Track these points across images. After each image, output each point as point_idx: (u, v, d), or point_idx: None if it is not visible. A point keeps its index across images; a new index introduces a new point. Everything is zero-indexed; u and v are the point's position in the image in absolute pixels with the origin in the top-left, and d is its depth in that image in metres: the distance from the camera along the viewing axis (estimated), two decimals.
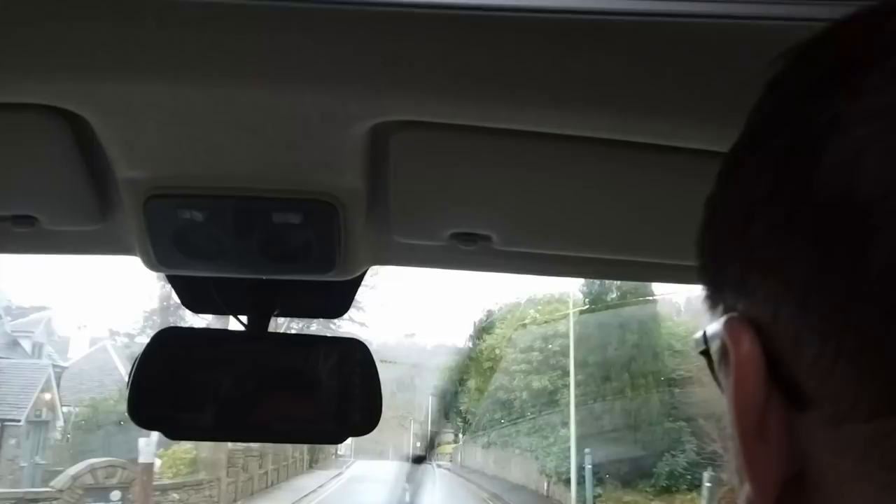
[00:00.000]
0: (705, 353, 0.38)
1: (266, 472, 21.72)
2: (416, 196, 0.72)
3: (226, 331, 1.00)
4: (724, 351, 0.33)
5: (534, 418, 20.62)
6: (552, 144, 0.61)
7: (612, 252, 0.87)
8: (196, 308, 1.07)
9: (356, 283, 0.97)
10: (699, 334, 0.38)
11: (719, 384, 0.39)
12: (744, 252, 0.32)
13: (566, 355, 19.20)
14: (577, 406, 17.69)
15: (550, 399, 19.77)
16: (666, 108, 0.56)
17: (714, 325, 0.35)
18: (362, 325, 29.04)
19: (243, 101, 0.56)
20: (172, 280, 0.98)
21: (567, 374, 19.02)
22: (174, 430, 0.98)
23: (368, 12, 0.50)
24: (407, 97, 0.55)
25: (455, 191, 0.71)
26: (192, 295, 1.04)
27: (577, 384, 17.89)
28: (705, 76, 0.54)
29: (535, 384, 19.88)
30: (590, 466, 16.48)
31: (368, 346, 0.98)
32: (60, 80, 0.54)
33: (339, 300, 1.07)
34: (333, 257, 0.77)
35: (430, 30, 0.51)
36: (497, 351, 23.52)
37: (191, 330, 0.98)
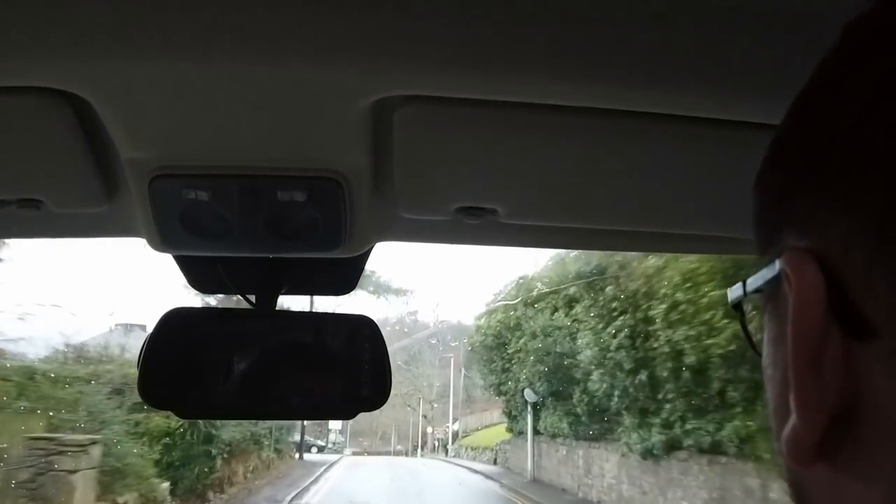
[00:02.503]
0: (738, 306, 0.38)
1: None
2: (421, 171, 0.72)
3: (234, 309, 1.00)
4: (774, 290, 0.33)
5: None
6: (556, 116, 0.61)
7: (619, 223, 0.86)
8: (203, 288, 1.07)
9: (363, 259, 0.97)
10: (736, 286, 0.37)
11: (750, 340, 0.39)
12: (818, 184, 0.31)
13: None
14: None
15: None
16: (669, 77, 0.56)
17: (763, 271, 0.35)
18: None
19: (246, 79, 0.56)
20: (179, 260, 0.98)
21: None
22: (185, 409, 0.99)
23: None
24: (409, 71, 0.55)
25: (459, 165, 0.70)
26: (199, 275, 1.04)
27: None
28: (707, 43, 0.53)
29: None
30: None
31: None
32: (61, 62, 0.54)
33: (346, 277, 1.08)
34: (339, 234, 0.77)
35: (430, 2, 0.50)
36: None
37: (199, 309, 0.99)
